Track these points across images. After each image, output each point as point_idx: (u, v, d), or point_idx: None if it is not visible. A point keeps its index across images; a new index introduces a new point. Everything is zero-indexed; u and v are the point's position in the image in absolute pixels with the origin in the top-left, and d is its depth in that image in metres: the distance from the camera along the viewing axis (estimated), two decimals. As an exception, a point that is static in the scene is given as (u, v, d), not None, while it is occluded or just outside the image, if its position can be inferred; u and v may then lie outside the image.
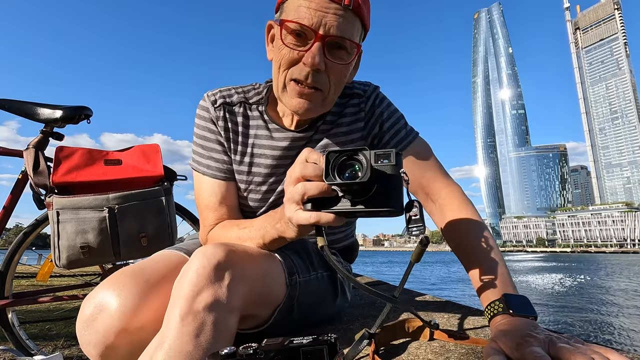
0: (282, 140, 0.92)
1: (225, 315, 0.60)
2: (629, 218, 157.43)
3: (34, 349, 1.63)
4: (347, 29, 0.75)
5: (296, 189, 0.60)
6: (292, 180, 0.62)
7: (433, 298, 1.36)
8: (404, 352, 0.73)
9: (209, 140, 0.93)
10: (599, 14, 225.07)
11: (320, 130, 0.93)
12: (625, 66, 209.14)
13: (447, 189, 0.88)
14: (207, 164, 0.93)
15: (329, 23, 0.73)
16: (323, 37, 0.73)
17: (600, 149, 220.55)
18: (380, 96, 0.97)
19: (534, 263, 53.68)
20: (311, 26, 0.72)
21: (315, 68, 0.74)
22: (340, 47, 0.77)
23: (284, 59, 0.77)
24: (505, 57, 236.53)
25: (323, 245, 0.63)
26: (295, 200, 0.60)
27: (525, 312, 0.62)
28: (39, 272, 1.83)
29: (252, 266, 0.70)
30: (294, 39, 0.76)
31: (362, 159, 0.54)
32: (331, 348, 0.42)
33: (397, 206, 0.56)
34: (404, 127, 0.95)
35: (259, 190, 0.94)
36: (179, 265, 0.79)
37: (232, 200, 0.94)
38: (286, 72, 0.78)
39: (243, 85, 0.97)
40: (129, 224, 1.36)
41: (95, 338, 0.64)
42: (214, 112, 0.92)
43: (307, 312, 0.87)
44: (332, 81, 0.79)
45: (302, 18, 0.73)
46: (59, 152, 1.37)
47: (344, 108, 0.95)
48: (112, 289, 0.67)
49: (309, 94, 0.79)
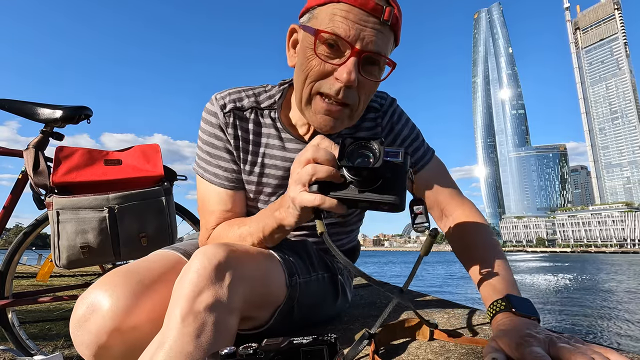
0: (294, 151, 0.88)
1: (226, 316, 0.60)
2: (629, 218, 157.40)
3: (34, 349, 1.63)
4: (383, 45, 0.71)
5: (306, 170, 0.61)
6: (302, 161, 0.62)
7: (433, 298, 1.36)
8: (404, 352, 0.73)
9: (216, 147, 0.88)
10: (599, 14, 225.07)
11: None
12: (625, 66, 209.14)
13: (462, 207, 0.90)
14: (215, 173, 0.89)
15: (367, 38, 0.68)
16: (360, 52, 0.69)
17: (600, 149, 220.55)
18: (399, 111, 0.94)
19: (534, 263, 53.68)
20: (347, 39, 0.68)
21: (350, 84, 0.70)
22: (374, 62, 0.73)
23: (312, 70, 0.72)
24: (505, 57, 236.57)
25: (323, 232, 0.63)
26: (303, 180, 0.61)
27: (527, 312, 0.62)
28: (39, 272, 1.83)
29: (253, 267, 0.70)
30: (327, 50, 0.71)
31: (375, 147, 0.56)
32: (331, 348, 0.42)
33: (400, 201, 0.58)
34: (422, 145, 0.95)
35: (268, 200, 0.92)
36: (174, 265, 0.79)
37: (240, 208, 0.91)
38: (313, 84, 0.74)
39: (253, 87, 0.92)
40: (129, 224, 1.36)
41: (87, 338, 0.64)
42: (223, 118, 0.86)
43: (308, 313, 0.86)
44: (362, 97, 0.75)
45: (339, 28, 0.67)
46: (59, 152, 1.37)
47: (361, 122, 0.92)
48: (104, 289, 0.67)
49: (337, 112, 0.74)
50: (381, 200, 0.58)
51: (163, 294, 0.70)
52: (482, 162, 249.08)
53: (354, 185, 0.59)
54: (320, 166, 0.60)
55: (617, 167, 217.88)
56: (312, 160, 0.61)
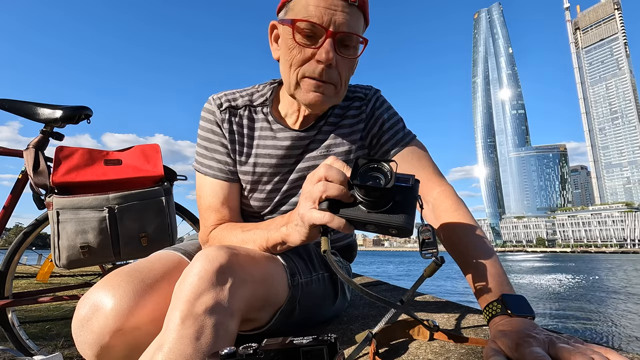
0: (285, 139, 0.93)
1: (226, 319, 0.60)
2: (629, 218, 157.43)
3: (34, 349, 1.63)
4: (354, 25, 0.78)
5: (317, 187, 0.61)
6: (314, 179, 0.63)
7: (433, 298, 1.36)
8: (404, 352, 0.73)
9: (212, 142, 0.94)
10: (599, 14, 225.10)
11: (322, 131, 0.95)
12: (625, 66, 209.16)
13: (440, 188, 0.88)
14: (210, 165, 0.94)
15: (339, 20, 0.75)
16: (334, 34, 0.76)
17: (600, 149, 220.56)
18: (381, 99, 1.00)
19: (534, 263, 53.69)
20: (322, 24, 0.75)
21: (329, 63, 0.77)
22: (348, 42, 0.80)
23: (295, 58, 0.79)
24: (505, 57, 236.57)
25: (326, 250, 0.63)
26: (314, 197, 0.61)
27: (523, 312, 0.62)
28: (39, 272, 1.83)
29: (255, 269, 0.69)
30: (305, 38, 0.78)
31: (387, 170, 0.56)
32: (331, 348, 0.41)
33: (409, 225, 0.58)
34: (402, 130, 0.97)
35: (263, 189, 0.95)
36: (175, 265, 0.79)
37: (234, 201, 0.95)
38: (298, 70, 0.80)
39: (246, 88, 0.99)
40: (129, 224, 1.36)
41: (90, 338, 0.65)
42: (220, 115, 0.93)
43: (308, 313, 0.87)
44: (343, 75, 0.82)
45: (313, 16, 0.75)
46: (59, 152, 1.37)
47: (347, 110, 0.97)
48: (107, 289, 0.67)
49: (324, 87, 0.81)
50: (390, 223, 0.58)
51: (165, 294, 0.70)
52: (482, 162, 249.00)
53: (364, 206, 0.59)
54: (332, 184, 0.60)
55: (617, 167, 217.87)
56: (324, 178, 0.61)
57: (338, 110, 0.96)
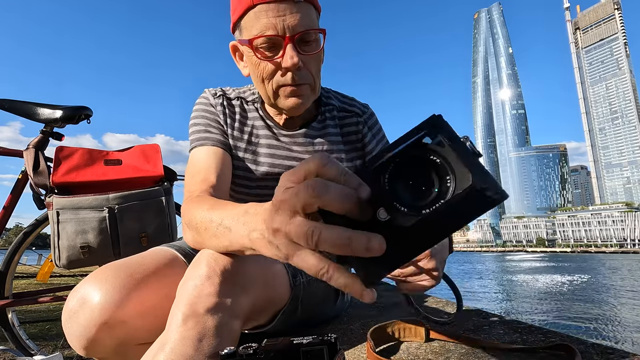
0: (278, 136, 0.94)
1: (229, 320, 0.59)
2: (629, 218, 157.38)
3: (34, 349, 1.63)
4: (307, 20, 0.78)
5: (303, 189, 0.34)
6: (300, 173, 0.37)
7: (433, 298, 1.36)
8: (404, 352, 0.73)
9: (207, 118, 0.92)
10: (599, 14, 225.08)
11: (312, 127, 0.96)
12: (625, 66, 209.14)
13: None
14: (205, 137, 0.88)
15: (291, 23, 0.75)
16: (292, 38, 0.76)
17: (600, 149, 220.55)
18: (374, 117, 1.05)
19: (534, 263, 53.69)
20: (277, 34, 0.75)
21: (297, 67, 0.77)
22: (308, 38, 0.80)
23: (264, 71, 0.80)
24: (505, 57, 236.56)
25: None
26: (295, 205, 0.35)
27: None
28: (39, 272, 1.83)
29: (258, 270, 0.69)
30: (267, 51, 0.78)
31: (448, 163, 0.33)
32: (331, 348, 0.41)
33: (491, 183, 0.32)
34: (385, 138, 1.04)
35: (253, 185, 0.94)
36: (168, 261, 0.78)
37: (223, 170, 0.85)
38: (271, 81, 0.81)
39: (239, 87, 1.01)
40: (129, 224, 1.36)
41: (77, 331, 0.65)
42: (214, 100, 0.94)
43: (310, 312, 0.87)
44: (313, 72, 0.83)
45: (266, 29, 0.75)
46: (58, 152, 1.37)
47: (343, 120, 1.00)
48: (95, 283, 0.68)
49: (300, 89, 0.82)
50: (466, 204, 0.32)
51: (154, 289, 0.70)
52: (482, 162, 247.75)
53: (389, 231, 0.32)
54: (333, 187, 0.33)
55: (617, 167, 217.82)
56: (317, 175, 0.36)
57: (333, 121, 0.98)
